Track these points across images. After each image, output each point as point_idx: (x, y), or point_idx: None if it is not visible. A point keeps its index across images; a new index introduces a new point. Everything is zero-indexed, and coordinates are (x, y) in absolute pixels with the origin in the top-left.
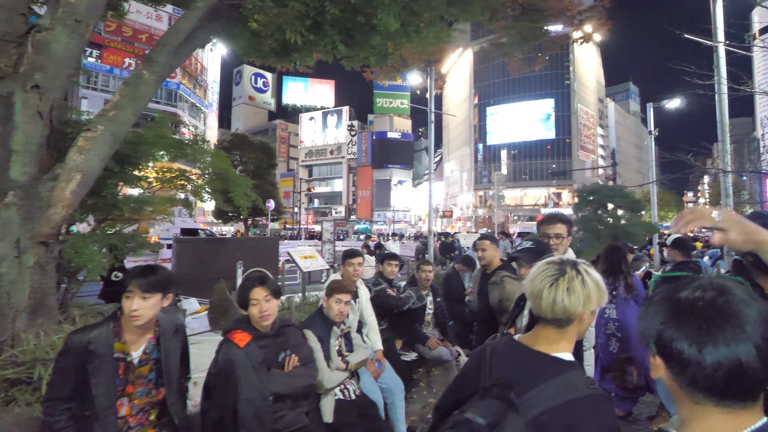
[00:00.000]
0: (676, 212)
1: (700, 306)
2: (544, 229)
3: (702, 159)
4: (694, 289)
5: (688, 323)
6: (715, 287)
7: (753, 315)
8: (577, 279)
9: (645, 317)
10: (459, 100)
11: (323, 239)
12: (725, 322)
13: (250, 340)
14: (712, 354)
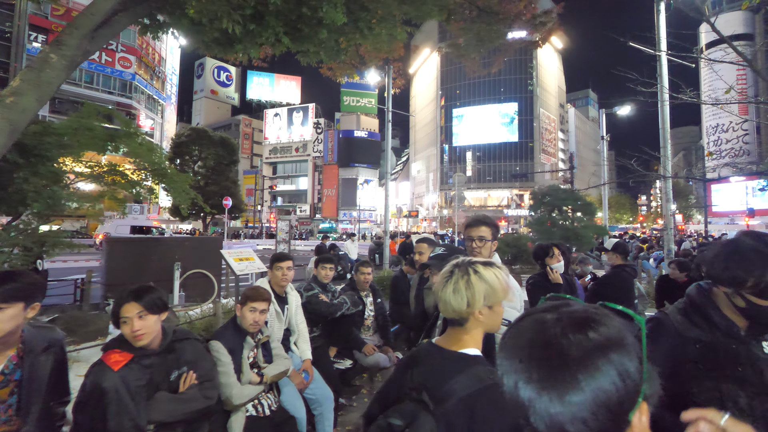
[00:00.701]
0: (630, 215)
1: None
2: (468, 232)
3: (657, 164)
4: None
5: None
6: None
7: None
8: (462, 280)
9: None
10: (426, 101)
11: (278, 239)
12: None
13: (128, 361)
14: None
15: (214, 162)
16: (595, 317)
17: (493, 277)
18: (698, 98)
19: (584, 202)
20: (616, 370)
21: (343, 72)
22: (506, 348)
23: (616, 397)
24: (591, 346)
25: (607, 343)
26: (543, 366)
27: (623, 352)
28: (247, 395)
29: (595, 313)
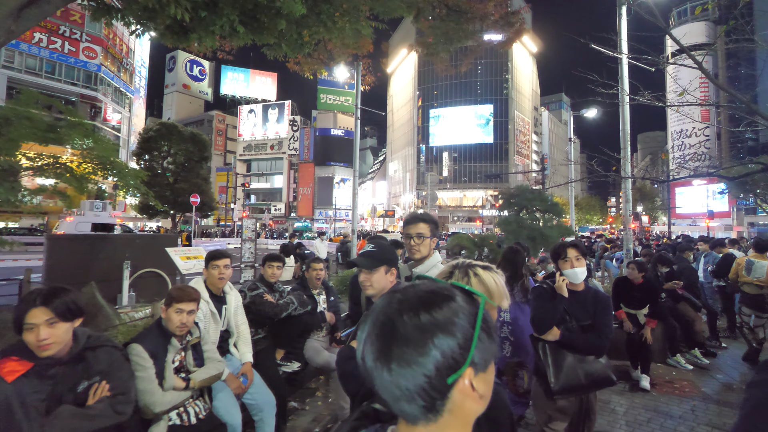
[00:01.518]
0: (600, 216)
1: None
2: (406, 229)
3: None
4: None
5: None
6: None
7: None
8: (462, 281)
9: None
10: (403, 101)
11: (243, 237)
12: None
13: (27, 371)
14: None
15: (184, 158)
16: (432, 299)
17: (491, 281)
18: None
19: (551, 202)
20: (438, 349)
21: (311, 67)
22: (362, 321)
23: (435, 369)
24: (419, 326)
25: (434, 324)
26: (378, 339)
27: (447, 333)
28: (170, 402)
29: (435, 294)
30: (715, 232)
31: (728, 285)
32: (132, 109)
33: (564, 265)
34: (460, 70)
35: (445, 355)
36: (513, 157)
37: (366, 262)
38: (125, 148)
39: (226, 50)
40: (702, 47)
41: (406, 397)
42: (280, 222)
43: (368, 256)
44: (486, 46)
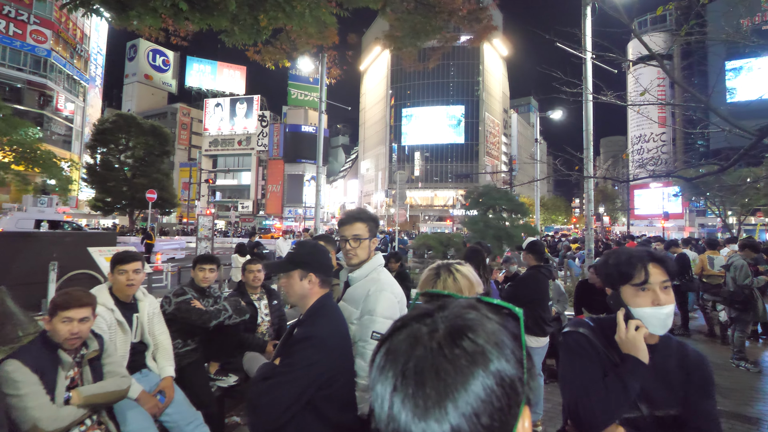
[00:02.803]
0: (565, 216)
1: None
2: (341, 231)
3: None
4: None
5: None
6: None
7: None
8: (450, 278)
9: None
10: (376, 99)
11: (199, 236)
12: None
13: None
14: None
15: (143, 152)
16: (469, 322)
17: (469, 273)
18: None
19: (517, 202)
20: (493, 379)
21: (273, 57)
22: (379, 367)
23: (498, 409)
24: (468, 360)
25: (483, 352)
26: (416, 389)
27: (501, 358)
28: (66, 417)
29: (468, 315)
30: (669, 232)
31: (683, 284)
32: (87, 98)
33: (639, 297)
34: (428, 66)
35: (504, 387)
36: (483, 157)
37: (275, 265)
38: (78, 140)
39: (181, 36)
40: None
41: None
42: (247, 220)
43: (285, 258)
44: (454, 42)
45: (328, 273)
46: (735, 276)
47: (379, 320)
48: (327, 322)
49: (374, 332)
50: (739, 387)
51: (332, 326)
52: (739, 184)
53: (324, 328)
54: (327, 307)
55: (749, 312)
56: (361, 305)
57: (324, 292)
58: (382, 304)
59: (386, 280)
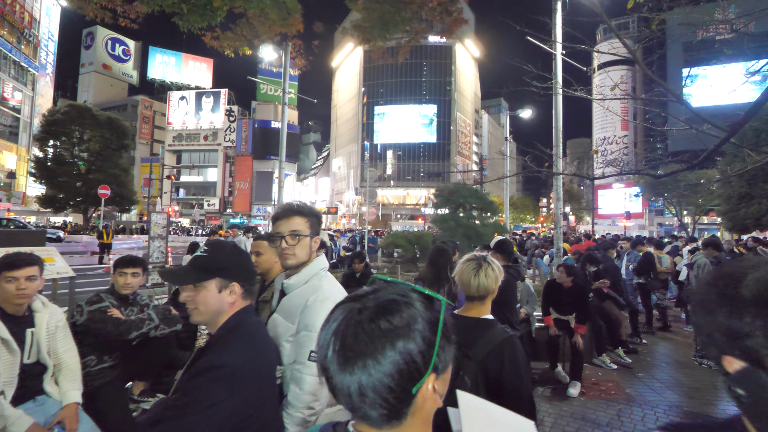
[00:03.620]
0: (533, 215)
1: None
2: (276, 226)
3: (549, 162)
4: None
5: None
6: None
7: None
8: (489, 267)
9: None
10: (348, 96)
11: (152, 234)
12: None
13: None
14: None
15: (99, 146)
16: (391, 306)
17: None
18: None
19: (487, 200)
20: (399, 355)
21: (232, 44)
22: (322, 328)
23: (399, 376)
24: (380, 335)
25: (394, 331)
26: (341, 347)
27: (408, 339)
28: None
29: (394, 301)
30: (630, 231)
31: (648, 282)
32: (36, 87)
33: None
34: (398, 60)
35: (408, 362)
36: (455, 157)
37: (181, 274)
38: (27, 132)
39: (131, 18)
40: (623, 62)
41: (369, 404)
42: (213, 218)
43: (192, 264)
44: (424, 34)
45: (252, 281)
46: (698, 274)
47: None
48: (243, 346)
49: (312, 351)
50: (703, 386)
51: (249, 351)
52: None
53: (237, 354)
54: (246, 324)
55: None
56: (297, 318)
57: (246, 304)
58: (323, 316)
59: (329, 288)
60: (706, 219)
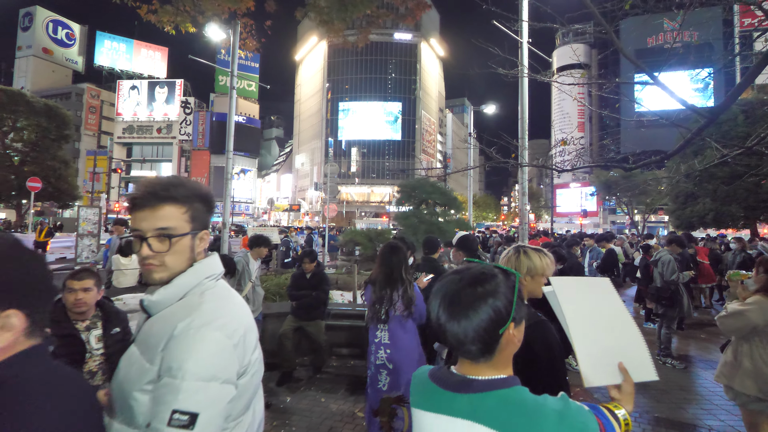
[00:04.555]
0: (495, 213)
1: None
2: (134, 221)
3: (515, 153)
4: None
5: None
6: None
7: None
8: (515, 256)
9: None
10: (312, 91)
11: (80, 231)
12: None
13: None
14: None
15: (36, 136)
16: (482, 277)
17: (536, 258)
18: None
19: (450, 196)
20: (490, 308)
21: (172, 19)
22: (433, 292)
23: (489, 323)
24: (476, 295)
25: (485, 293)
26: (449, 305)
27: (495, 297)
28: None
29: (483, 273)
30: (586, 228)
31: (612, 280)
32: None
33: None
34: (357, 44)
35: (496, 313)
36: (419, 155)
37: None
38: None
39: None
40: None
41: (471, 342)
42: None
43: None
44: (384, 17)
45: (47, 304)
46: (662, 272)
47: (191, 386)
48: (13, 424)
49: (177, 411)
50: (669, 388)
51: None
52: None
53: None
54: (22, 383)
55: (675, 308)
56: (159, 356)
57: (30, 345)
58: (198, 353)
59: (213, 309)
60: (653, 217)
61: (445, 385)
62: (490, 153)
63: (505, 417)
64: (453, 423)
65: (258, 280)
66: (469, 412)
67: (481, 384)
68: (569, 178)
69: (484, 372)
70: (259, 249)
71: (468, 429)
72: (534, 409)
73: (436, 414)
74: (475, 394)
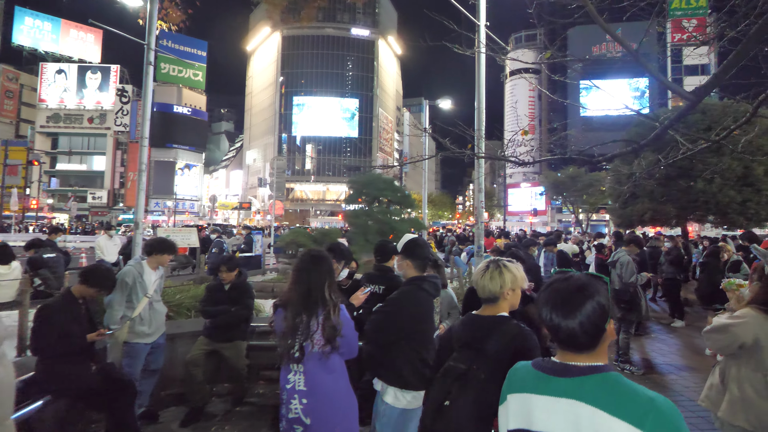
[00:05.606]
0: (450, 212)
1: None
2: None
3: (471, 143)
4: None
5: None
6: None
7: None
8: (496, 271)
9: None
10: (265, 84)
11: None
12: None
13: None
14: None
15: None
16: (587, 282)
17: (515, 269)
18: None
19: (404, 193)
20: (597, 305)
21: None
22: (542, 298)
23: (598, 318)
24: (584, 296)
25: (592, 294)
26: (563, 307)
27: (600, 298)
28: None
29: (586, 280)
30: (535, 227)
31: None
32: None
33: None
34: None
35: (603, 310)
36: (376, 153)
37: None
38: None
39: None
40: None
41: (583, 335)
42: (101, 213)
43: None
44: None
45: None
46: (621, 273)
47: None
48: None
49: None
50: None
51: None
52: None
53: None
54: None
55: (634, 311)
56: None
57: None
58: None
59: None
60: (595, 216)
61: (549, 371)
62: (445, 143)
63: (604, 396)
64: (556, 402)
65: (158, 294)
66: (572, 392)
67: (582, 369)
68: (520, 178)
69: (585, 360)
70: (159, 256)
71: (570, 407)
72: (629, 391)
73: (539, 395)
74: (577, 377)
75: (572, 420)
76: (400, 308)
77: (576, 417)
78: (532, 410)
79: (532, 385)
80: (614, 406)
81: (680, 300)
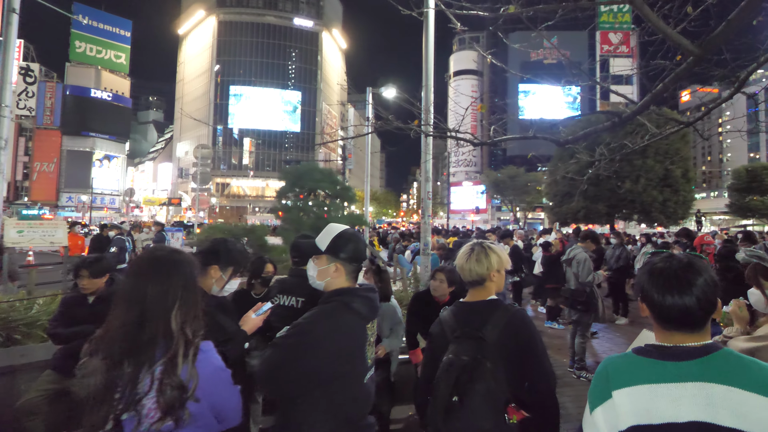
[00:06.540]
0: (394, 209)
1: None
2: None
3: (417, 120)
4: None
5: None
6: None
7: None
8: (482, 253)
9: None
10: (198, 71)
11: None
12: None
13: None
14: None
15: None
16: (692, 260)
17: (500, 251)
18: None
19: (343, 186)
20: (709, 281)
21: None
22: (648, 281)
23: (711, 292)
24: (695, 272)
25: (701, 269)
26: (677, 285)
27: (710, 272)
28: None
29: (691, 258)
30: (477, 224)
31: (523, 279)
32: None
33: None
34: None
35: (713, 284)
36: (319, 148)
37: None
38: None
39: None
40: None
41: (699, 309)
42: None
43: None
44: None
45: None
46: (578, 272)
47: None
48: None
49: None
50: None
51: None
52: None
53: None
54: None
55: (590, 313)
56: None
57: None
58: None
59: None
60: (530, 214)
61: (667, 357)
62: (388, 117)
63: (734, 373)
64: (682, 388)
65: None
66: (698, 374)
67: (702, 349)
68: (462, 177)
69: (697, 339)
70: None
71: (699, 390)
72: (753, 365)
73: (660, 384)
74: (701, 358)
75: (703, 403)
76: (312, 340)
77: (707, 399)
78: (653, 402)
79: (646, 376)
80: (746, 381)
81: (626, 296)
